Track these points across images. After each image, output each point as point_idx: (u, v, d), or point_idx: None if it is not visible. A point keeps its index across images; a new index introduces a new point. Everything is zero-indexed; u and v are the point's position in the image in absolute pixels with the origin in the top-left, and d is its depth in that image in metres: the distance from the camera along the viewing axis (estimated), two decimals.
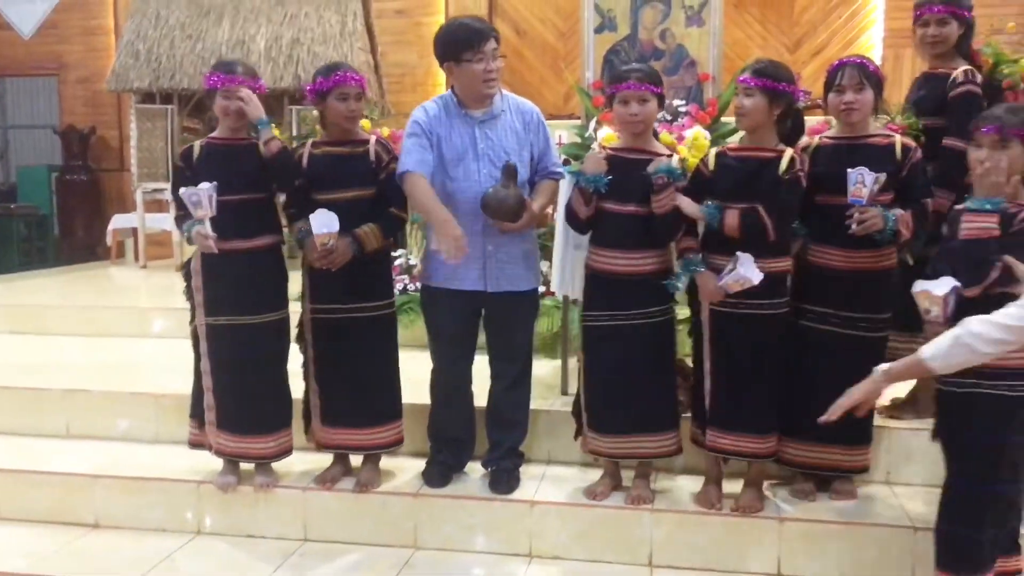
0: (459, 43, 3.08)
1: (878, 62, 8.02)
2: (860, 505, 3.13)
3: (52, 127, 9.94)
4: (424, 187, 3.07)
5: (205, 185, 3.04)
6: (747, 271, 2.88)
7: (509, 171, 3.08)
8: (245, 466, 3.38)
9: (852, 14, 8.51)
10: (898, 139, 3.02)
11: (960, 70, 3.27)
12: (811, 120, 4.06)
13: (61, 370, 4.42)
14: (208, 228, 3.06)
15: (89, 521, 3.43)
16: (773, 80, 2.92)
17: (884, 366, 2.34)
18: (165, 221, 7.43)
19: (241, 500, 3.33)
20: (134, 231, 8.08)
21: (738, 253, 2.91)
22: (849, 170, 2.86)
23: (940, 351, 2.21)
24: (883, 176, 2.85)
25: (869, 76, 2.95)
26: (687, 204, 2.99)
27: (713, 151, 3.14)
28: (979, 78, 3.31)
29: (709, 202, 2.99)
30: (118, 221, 8.33)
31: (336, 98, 3.15)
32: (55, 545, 3.27)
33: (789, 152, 2.97)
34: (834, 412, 2.37)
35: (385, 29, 8.43)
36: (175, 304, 5.16)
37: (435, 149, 3.16)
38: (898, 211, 2.92)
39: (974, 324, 2.17)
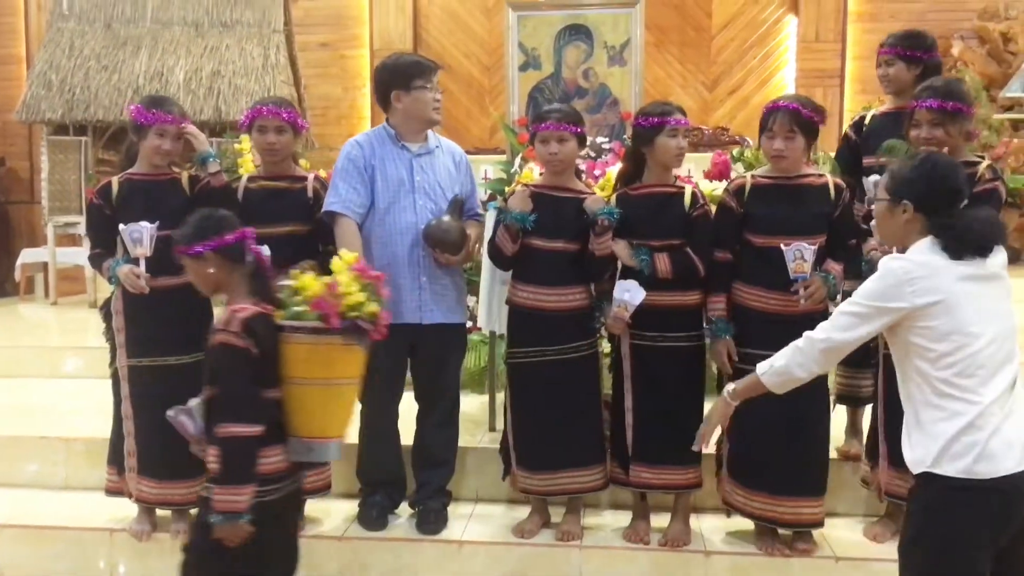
0: (412, 70, 3.16)
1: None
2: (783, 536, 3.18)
3: None
4: (347, 229, 3.10)
5: (146, 224, 2.99)
6: (620, 295, 2.97)
7: (456, 205, 3.17)
8: (161, 512, 3.26)
9: (766, 55, 8.82)
10: (830, 179, 3.07)
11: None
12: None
13: None
14: (143, 267, 2.99)
15: None
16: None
17: (730, 386, 2.41)
18: (78, 256, 7.18)
19: (157, 548, 3.21)
20: (44, 266, 7.79)
21: (618, 281, 2.98)
22: (784, 247, 2.89)
23: (771, 369, 2.31)
24: (815, 247, 2.90)
25: (801, 123, 2.94)
26: (621, 249, 3.03)
27: (615, 195, 3.19)
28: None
29: (637, 247, 3.03)
30: (27, 256, 8.00)
31: (257, 130, 3.16)
32: None
33: (690, 188, 3.06)
34: (702, 440, 2.48)
35: (309, 62, 8.39)
36: (88, 343, 5.00)
37: (370, 183, 3.17)
38: (834, 267, 3.00)
39: (801, 345, 2.27)
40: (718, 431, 2.65)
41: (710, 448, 3.13)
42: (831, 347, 2.23)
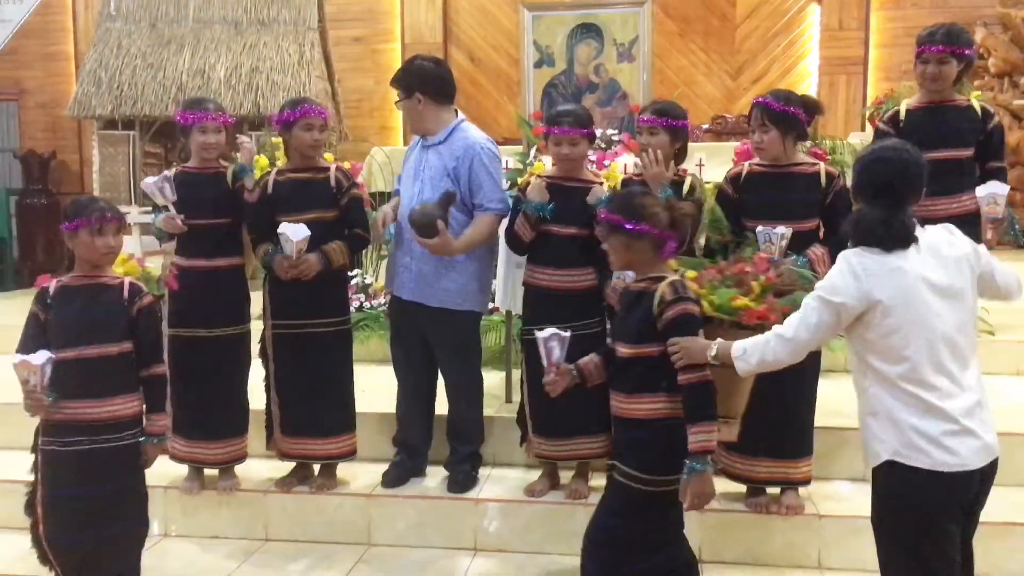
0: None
1: (814, 89, 8.49)
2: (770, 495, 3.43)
3: (12, 151, 10.03)
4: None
5: (160, 176, 3.39)
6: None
7: (445, 196, 3.35)
8: (209, 472, 3.61)
9: (790, 43, 8.91)
10: (822, 167, 3.27)
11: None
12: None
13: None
14: (174, 211, 3.36)
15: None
16: (672, 118, 3.25)
17: (713, 349, 2.45)
18: (129, 244, 7.58)
19: (205, 503, 3.56)
20: None
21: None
22: (759, 229, 3.10)
23: (743, 353, 2.42)
24: (789, 231, 3.08)
25: (773, 116, 3.15)
26: (654, 177, 3.22)
27: (620, 180, 3.45)
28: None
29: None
30: None
31: (301, 128, 3.43)
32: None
33: (690, 178, 3.30)
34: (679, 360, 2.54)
35: (342, 56, 8.69)
36: None
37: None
38: (815, 250, 3.17)
39: (771, 337, 2.39)
40: None
41: None
42: (796, 340, 2.33)
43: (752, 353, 2.42)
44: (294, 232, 3.28)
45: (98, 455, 2.74)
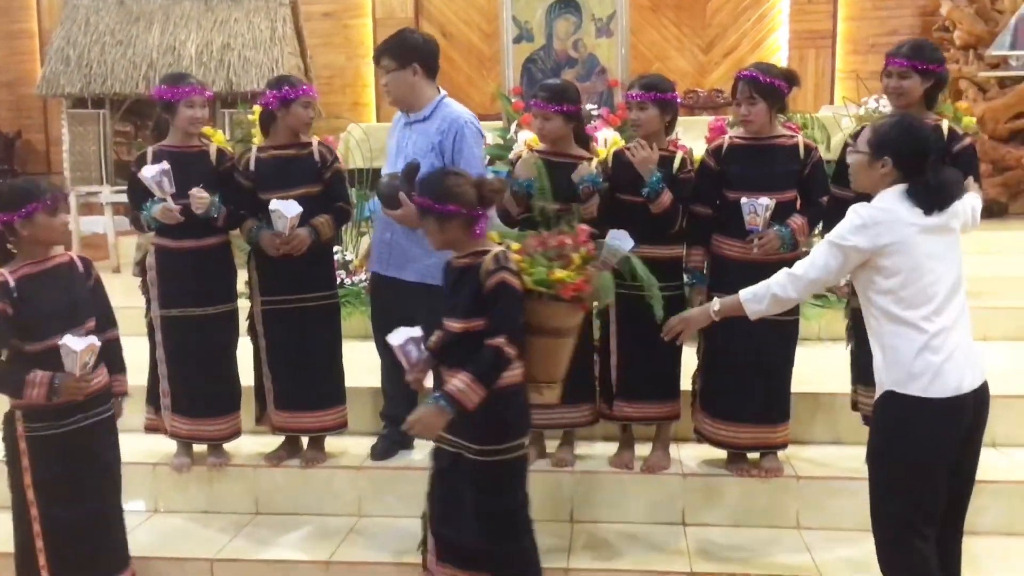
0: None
1: (784, 63, 8.59)
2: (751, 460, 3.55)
3: None
4: None
5: (159, 166, 3.30)
6: (611, 242, 3.15)
7: (409, 169, 3.18)
8: (198, 448, 3.64)
9: (760, 17, 9.00)
10: (800, 139, 3.36)
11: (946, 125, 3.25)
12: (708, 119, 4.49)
13: None
14: (171, 203, 3.30)
15: None
16: (661, 92, 3.30)
17: (716, 304, 2.73)
18: (98, 224, 7.51)
19: (196, 479, 3.60)
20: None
21: (611, 231, 3.19)
22: (743, 200, 3.19)
23: (753, 296, 2.64)
24: (772, 202, 3.18)
25: (760, 89, 3.21)
26: (644, 163, 3.27)
27: (611, 153, 3.50)
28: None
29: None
30: None
31: (300, 105, 3.43)
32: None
33: (680, 153, 3.36)
34: (668, 332, 2.80)
35: (313, 32, 8.62)
36: (113, 303, 5.35)
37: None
38: (795, 220, 3.26)
39: (781, 276, 2.61)
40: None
41: (686, 384, 3.52)
42: (804, 276, 2.56)
43: (761, 295, 2.63)
44: (286, 208, 3.29)
45: (88, 431, 2.80)
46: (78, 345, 2.63)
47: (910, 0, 8.53)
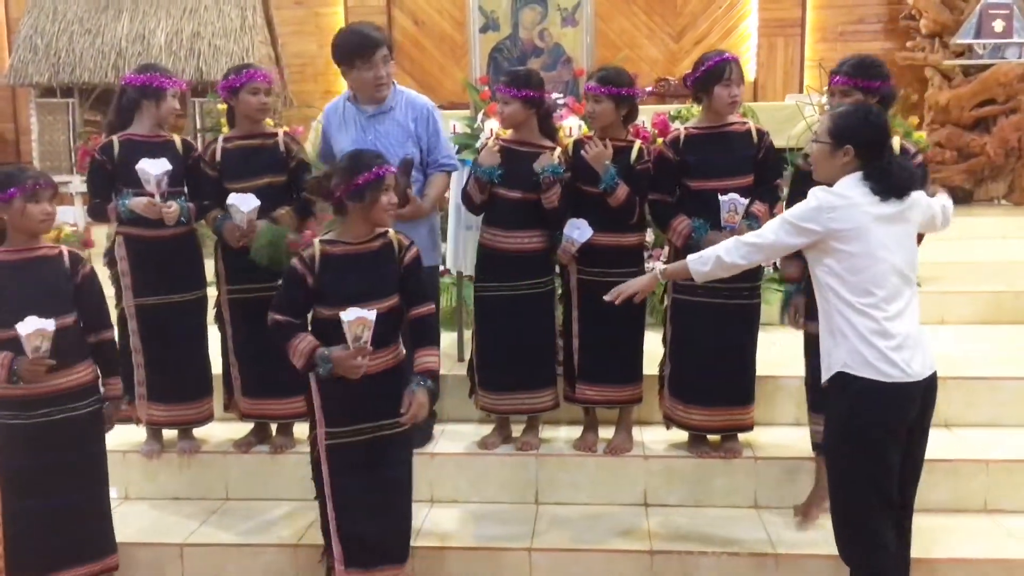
0: (352, 51, 3.42)
1: (753, 51, 8.66)
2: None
3: None
4: None
5: (159, 163, 3.31)
6: (570, 231, 3.35)
7: (404, 165, 3.34)
8: (167, 435, 3.68)
9: (730, 5, 9.04)
10: (752, 125, 3.45)
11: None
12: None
13: None
14: (158, 199, 3.31)
15: None
16: (616, 86, 3.36)
17: (660, 266, 2.82)
18: (68, 214, 7.48)
19: (166, 466, 3.64)
20: None
21: (570, 220, 3.33)
22: (721, 198, 3.23)
23: (699, 258, 2.73)
24: (747, 200, 3.25)
25: (741, 72, 3.34)
26: (597, 158, 3.34)
27: (572, 142, 3.56)
28: None
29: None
30: None
31: (248, 92, 3.45)
32: None
33: (638, 143, 3.43)
34: (617, 296, 2.89)
35: (284, 20, 8.59)
36: None
37: (331, 146, 3.54)
38: (758, 208, 3.31)
39: (730, 241, 2.70)
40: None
41: (651, 371, 3.59)
42: (755, 245, 2.64)
43: (707, 258, 2.71)
44: (243, 202, 3.32)
45: (61, 425, 2.80)
46: (25, 329, 2.62)
47: None
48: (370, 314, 2.61)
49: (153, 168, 3.29)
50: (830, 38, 8.79)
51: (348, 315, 2.60)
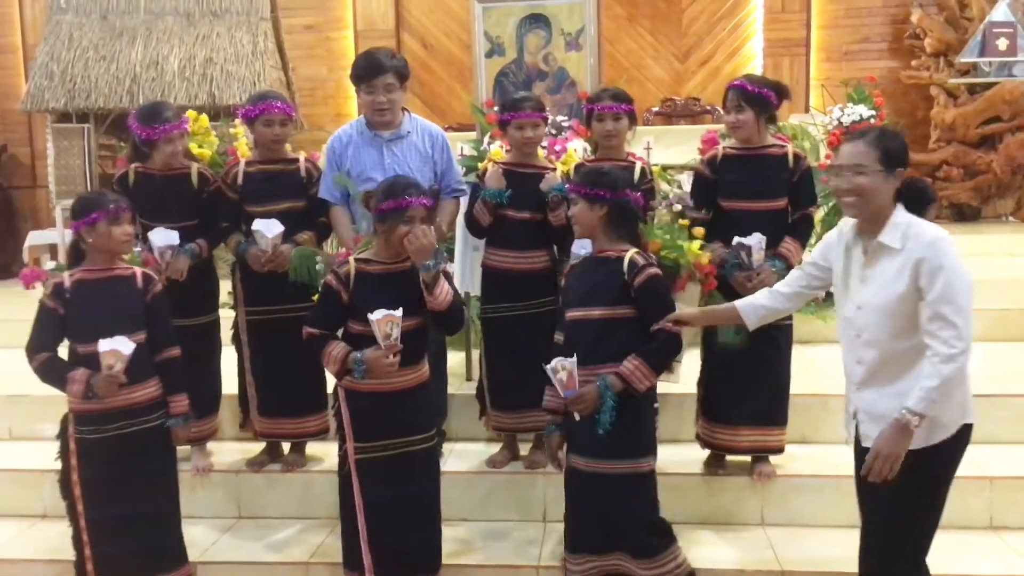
0: (357, 75, 3.54)
1: (759, 71, 8.72)
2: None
3: None
4: (334, 212, 3.59)
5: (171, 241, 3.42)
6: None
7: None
8: (180, 453, 3.72)
9: (735, 26, 9.11)
10: (790, 149, 3.45)
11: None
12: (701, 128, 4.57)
13: None
14: (161, 270, 3.38)
15: (38, 512, 3.76)
16: (628, 103, 3.43)
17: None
18: None
19: (180, 484, 3.67)
20: (51, 248, 8.19)
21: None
22: (734, 242, 3.27)
23: (750, 304, 2.77)
24: (764, 239, 3.27)
25: (748, 98, 3.33)
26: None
27: (575, 163, 3.63)
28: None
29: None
30: (34, 238, 8.39)
31: (262, 124, 3.54)
32: (10, 533, 3.62)
33: (639, 165, 3.49)
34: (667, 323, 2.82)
35: (295, 44, 8.70)
36: None
37: (343, 170, 3.59)
38: (787, 246, 3.34)
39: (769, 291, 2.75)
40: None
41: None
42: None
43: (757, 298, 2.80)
44: (268, 228, 3.40)
45: (133, 437, 2.92)
46: (103, 347, 2.76)
47: (882, 8, 8.69)
48: (397, 312, 2.71)
49: (159, 240, 3.40)
50: (835, 58, 8.85)
51: (376, 314, 2.70)
